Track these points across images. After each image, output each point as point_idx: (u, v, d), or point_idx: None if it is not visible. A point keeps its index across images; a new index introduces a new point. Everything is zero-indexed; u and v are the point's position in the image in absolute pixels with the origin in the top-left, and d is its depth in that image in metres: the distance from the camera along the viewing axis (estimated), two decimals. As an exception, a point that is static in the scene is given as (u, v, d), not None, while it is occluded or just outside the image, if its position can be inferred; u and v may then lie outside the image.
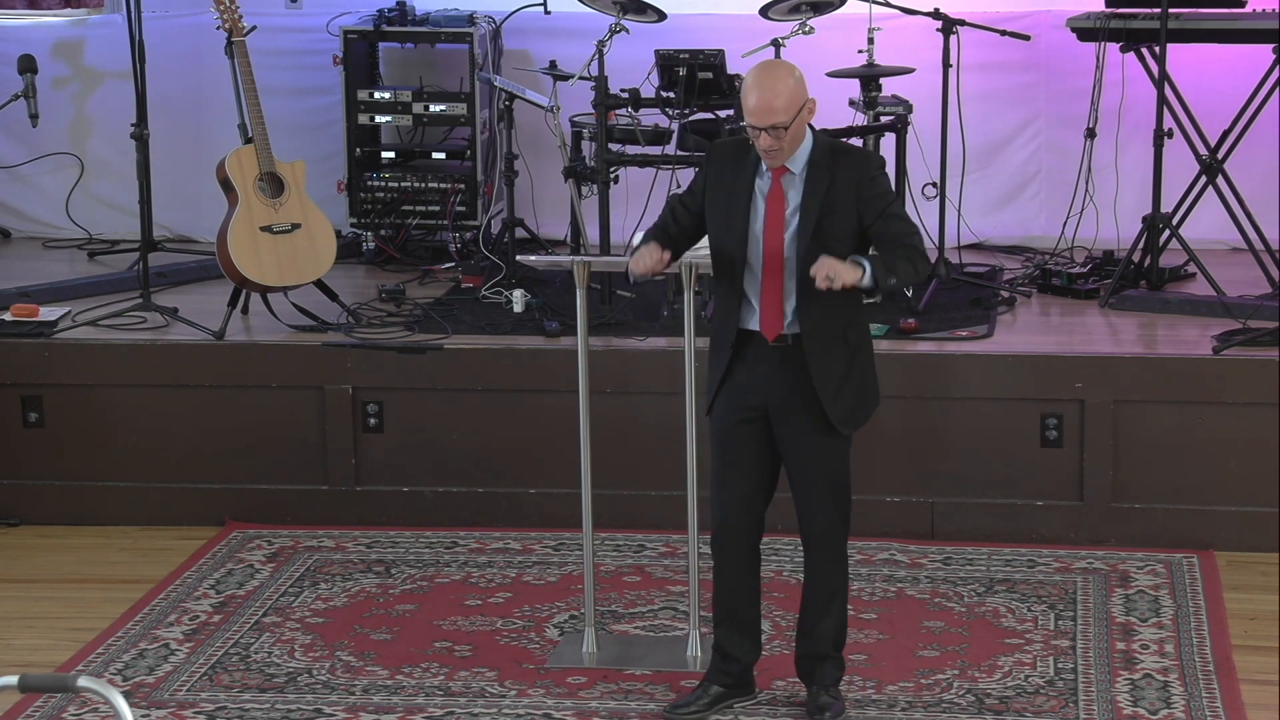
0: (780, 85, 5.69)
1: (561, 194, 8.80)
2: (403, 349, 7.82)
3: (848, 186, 5.75)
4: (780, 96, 5.67)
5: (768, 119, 5.67)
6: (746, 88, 5.73)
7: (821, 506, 5.92)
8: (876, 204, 5.76)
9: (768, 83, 5.70)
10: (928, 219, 8.54)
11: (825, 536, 5.96)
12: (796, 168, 5.79)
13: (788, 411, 5.86)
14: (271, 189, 8.03)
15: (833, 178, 5.76)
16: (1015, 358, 7.58)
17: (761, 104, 5.67)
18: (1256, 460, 7.39)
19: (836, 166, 5.77)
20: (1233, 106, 8.45)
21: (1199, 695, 6.20)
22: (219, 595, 7.15)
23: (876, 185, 5.79)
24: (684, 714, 6.07)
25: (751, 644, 6.13)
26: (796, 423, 5.86)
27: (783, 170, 5.79)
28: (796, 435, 5.88)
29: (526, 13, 9.20)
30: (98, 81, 9.72)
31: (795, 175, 5.80)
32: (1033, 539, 7.52)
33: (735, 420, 5.92)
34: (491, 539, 7.65)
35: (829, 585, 6.01)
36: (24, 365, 7.93)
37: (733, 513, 5.97)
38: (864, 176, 5.77)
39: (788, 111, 5.67)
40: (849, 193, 5.75)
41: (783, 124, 5.68)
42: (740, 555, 6.03)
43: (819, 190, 5.76)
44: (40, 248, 9.65)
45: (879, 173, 5.85)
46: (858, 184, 5.75)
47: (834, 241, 5.75)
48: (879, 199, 5.77)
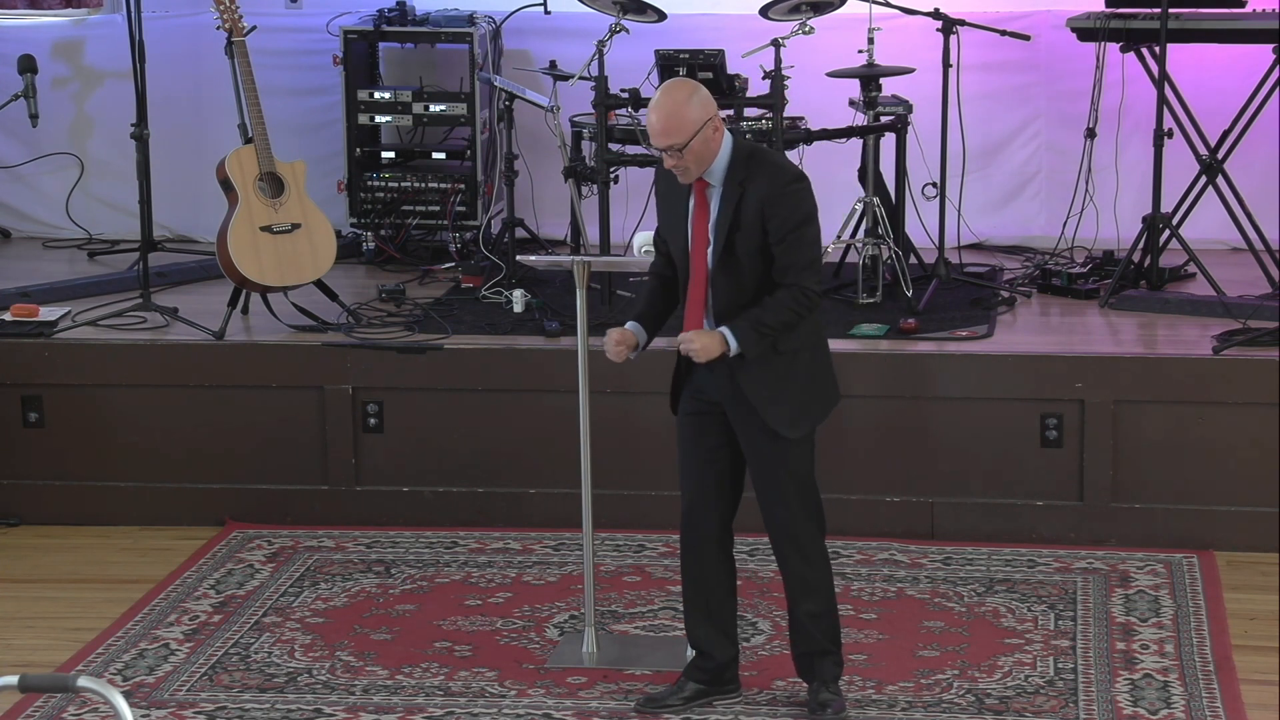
0: (678, 106, 5.70)
1: (561, 194, 8.80)
2: (403, 349, 7.82)
3: (755, 201, 5.74)
4: (675, 117, 5.68)
5: (664, 140, 5.71)
6: (649, 108, 5.78)
7: (782, 504, 5.92)
8: (780, 226, 5.73)
9: (665, 104, 5.72)
10: (928, 219, 8.56)
11: (788, 532, 5.94)
12: (715, 180, 5.81)
13: (737, 414, 5.89)
14: (271, 189, 8.03)
15: (743, 193, 5.75)
16: (1015, 358, 7.58)
17: (658, 125, 5.71)
18: (1256, 460, 7.39)
19: (748, 180, 5.75)
20: (1233, 106, 8.45)
21: (1199, 695, 6.20)
22: (219, 595, 7.15)
23: (784, 203, 5.73)
24: (654, 708, 6.08)
25: (725, 640, 6.12)
26: (746, 425, 5.89)
27: (704, 184, 5.82)
28: (748, 437, 5.91)
29: (526, 13, 9.20)
30: (98, 81, 9.72)
31: (715, 188, 5.81)
32: (1033, 539, 7.52)
33: (694, 410, 5.95)
34: (491, 539, 7.65)
35: (801, 581, 5.99)
36: (24, 365, 7.93)
37: (693, 506, 6.00)
38: (773, 193, 5.73)
39: (683, 133, 5.68)
40: (755, 208, 5.73)
41: (678, 145, 5.70)
42: (706, 547, 6.03)
43: (729, 206, 5.77)
44: (40, 248, 9.65)
45: (791, 188, 5.76)
46: (766, 199, 5.73)
47: (744, 256, 5.77)
48: (784, 220, 5.73)
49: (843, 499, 7.40)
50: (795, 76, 8.11)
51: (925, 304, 8.14)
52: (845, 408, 7.35)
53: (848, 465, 7.51)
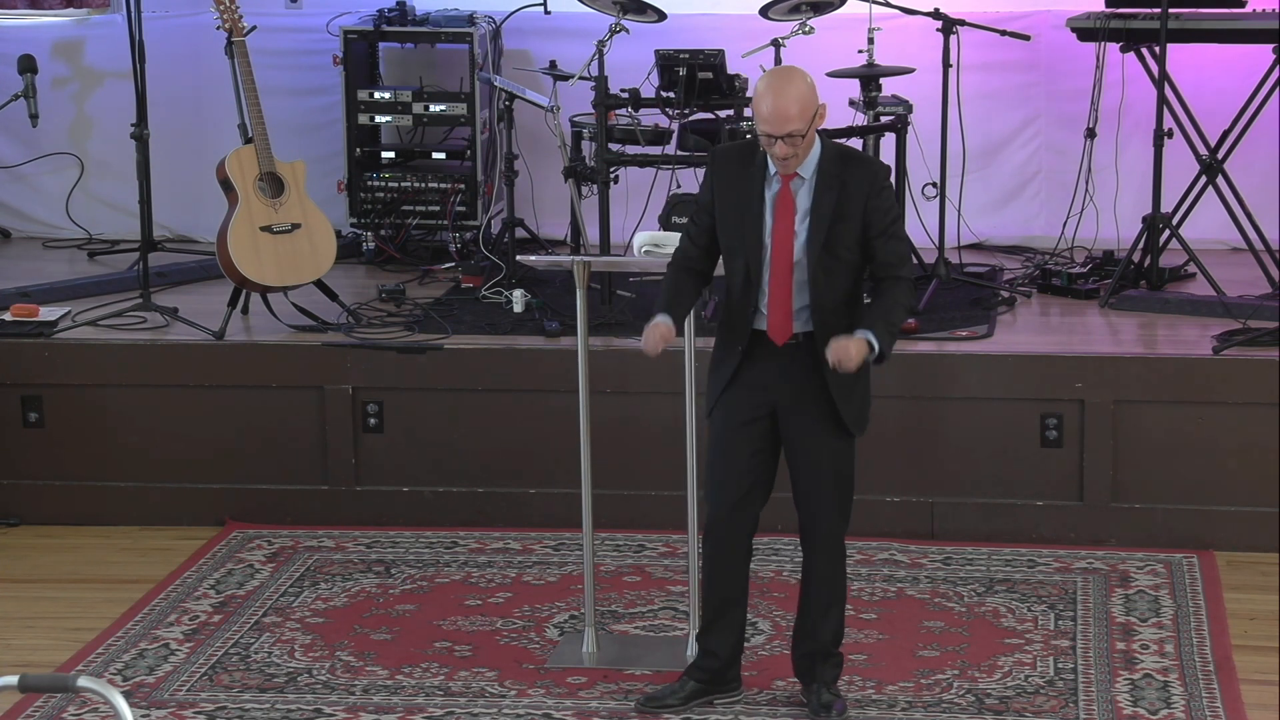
0: (795, 92, 5.66)
1: (561, 194, 8.80)
2: (403, 349, 7.82)
3: (858, 195, 5.73)
4: (795, 104, 5.64)
5: (784, 127, 5.64)
6: (760, 94, 5.67)
7: (828, 505, 5.91)
8: (882, 219, 5.75)
9: (782, 90, 5.66)
10: (928, 219, 8.56)
11: (829, 536, 5.95)
12: (806, 173, 5.78)
13: (797, 410, 5.85)
14: (271, 189, 8.03)
15: (844, 185, 5.74)
16: (1015, 358, 7.58)
17: (777, 112, 5.63)
18: (1256, 460, 7.39)
19: (847, 174, 5.75)
20: (1233, 106, 8.45)
21: (1199, 695, 6.20)
22: (219, 595, 7.15)
23: (884, 198, 5.78)
24: (655, 707, 6.07)
25: (735, 641, 6.13)
26: (806, 422, 5.86)
27: (792, 175, 5.77)
28: (805, 434, 5.87)
29: (526, 13, 9.20)
30: (98, 81, 9.72)
31: (805, 180, 5.78)
32: (1033, 539, 7.52)
33: (740, 420, 5.90)
34: (491, 539, 7.65)
35: (831, 586, 6.01)
36: (24, 365, 7.93)
37: (725, 509, 5.97)
38: (874, 187, 5.76)
39: (802, 119, 5.65)
40: (859, 202, 5.73)
41: (799, 132, 5.65)
42: (733, 553, 6.02)
43: (830, 197, 5.74)
44: (40, 248, 9.65)
45: (887, 184, 5.83)
46: (868, 194, 5.74)
47: (843, 250, 5.76)
48: (885, 214, 5.76)
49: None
50: (795, 76, 8.11)
51: (925, 304, 8.14)
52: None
53: (848, 465, 7.51)
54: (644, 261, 6.72)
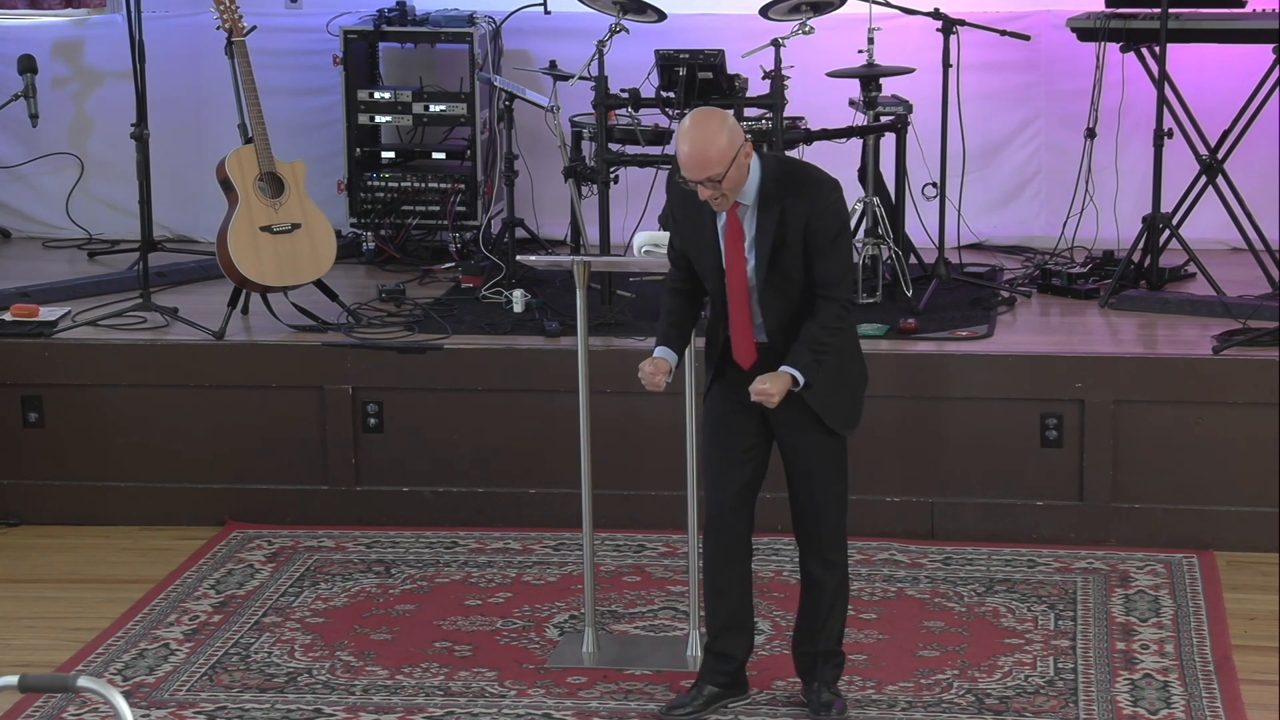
0: (709, 136, 5.60)
1: (561, 194, 8.80)
2: (403, 349, 7.82)
3: (797, 220, 5.70)
4: (711, 147, 5.60)
5: (702, 172, 5.62)
6: (678, 138, 5.65)
7: (824, 505, 5.91)
8: (820, 238, 5.71)
9: (698, 136, 5.61)
10: (928, 219, 8.56)
11: (828, 535, 5.95)
12: (748, 200, 5.75)
13: (783, 417, 5.85)
14: (271, 189, 8.03)
15: (783, 210, 5.71)
16: (1015, 358, 7.58)
17: (692, 157, 5.61)
18: (1256, 460, 7.39)
19: (787, 199, 5.72)
20: (1233, 106, 8.45)
21: (1199, 695, 6.20)
22: (219, 595, 7.15)
23: (826, 218, 5.71)
24: (679, 715, 6.07)
25: (746, 641, 6.13)
26: (794, 424, 5.85)
27: (736, 204, 5.76)
28: (793, 435, 5.87)
29: (526, 13, 9.20)
30: (98, 81, 9.72)
31: (748, 207, 5.76)
32: (1033, 539, 7.52)
33: (728, 411, 5.92)
34: (491, 539, 7.65)
35: (832, 586, 6.00)
36: (24, 365, 7.93)
37: (727, 504, 5.96)
38: (815, 209, 5.71)
39: (720, 162, 5.61)
40: (798, 226, 5.70)
41: (717, 175, 5.63)
42: (734, 548, 6.02)
43: (771, 223, 5.72)
44: (40, 248, 9.65)
45: (830, 199, 5.74)
46: (808, 217, 5.70)
47: (792, 270, 5.75)
48: (823, 234, 5.71)
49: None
50: (795, 76, 8.11)
51: (925, 304, 8.14)
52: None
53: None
54: (644, 261, 6.72)
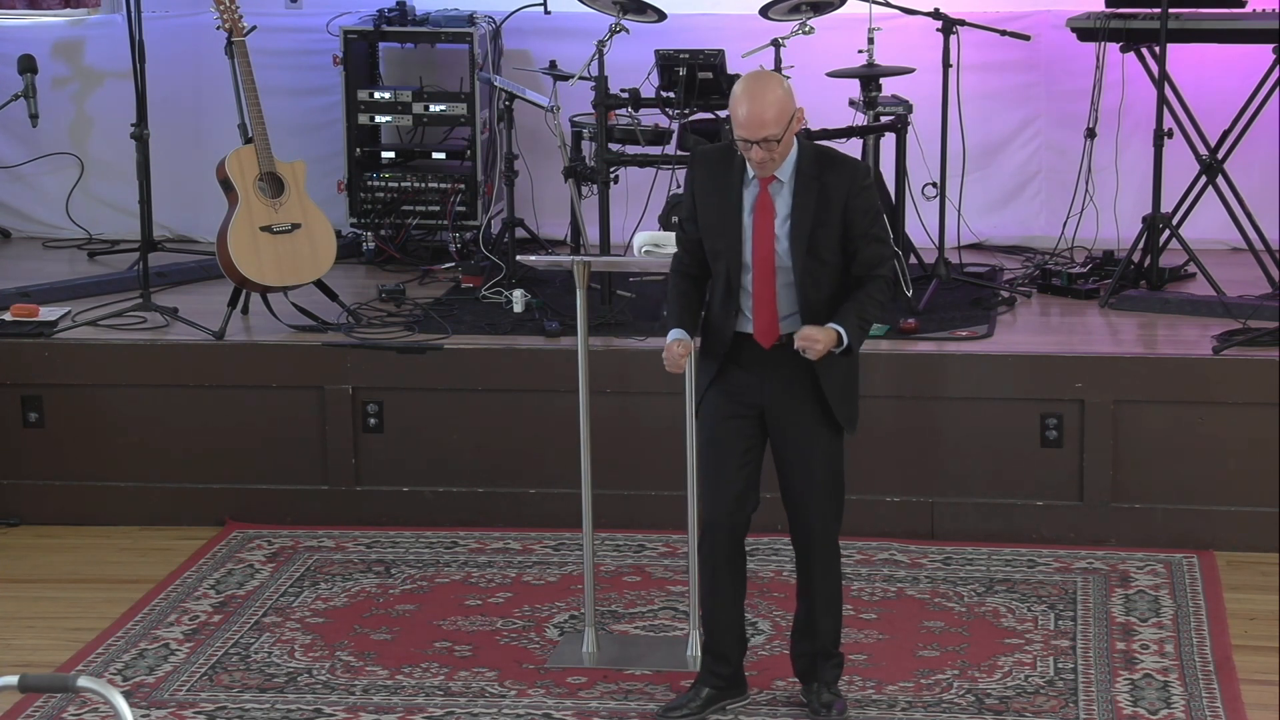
0: (771, 96, 5.63)
1: (561, 194, 8.80)
2: (403, 349, 7.82)
3: (837, 198, 5.72)
4: (771, 108, 5.62)
5: (759, 131, 5.62)
6: (736, 99, 5.66)
7: (821, 505, 5.91)
8: (861, 220, 5.73)
9: (758, 94, 5.63)
10: (928, 219, 8.56)
11: (823, 535, 5.95)
12: (784, 176, 5.76)
13: (787, 411, 5.85)
14: (271, 189, 8.03)
15: (822, 187, 5.72)
16: (1015, 358, 7.58)
17: (753, 116, 5.62)
18: (1256, 460, 7.39)
19: (825, 176, 5.73)
20: (1233, 106, 8.45)
21: (1199, 695, 6.20)
22: (219, 595, 7.15)
23: (864, 199, 5.75)
24: (677, 715, 6.07)
25: (740, 642, 6.13)
26: (796, 422, 5.85)
27: (770, 179, 5.76)
28: (797, 435, 5.87)
29: (526, 13, 9.20)
30: (98, 81, 9.72)
31: (783, 184, 5.76)
32: (1033, 539, 7.52)
33: (725, 416, 5.90)
34: (491, 539, 7.65)
35: (829, 586, 6.00)
36: (24, 365, 7.93)
37: (723, 511, 5.95)
38: (853, 188, 5.73)
39: (779, 123, 5.62)
40: (838, 204, 5.72)
41: (775, 136, 5.63)
42: (731, 553, 6.02)
43: (809, 201, 5.72)
44: (40, 248, 9.65)
45: (867, 185, 5.80)
46: (847, 195, 5.72)
47: (826, 253, 5.75)
48: (864, 214, 5.74)
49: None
50: (795, 76, 8.06)
51: (925, 304, 8.14)
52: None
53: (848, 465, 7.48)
54: (644, 261, 6.72)
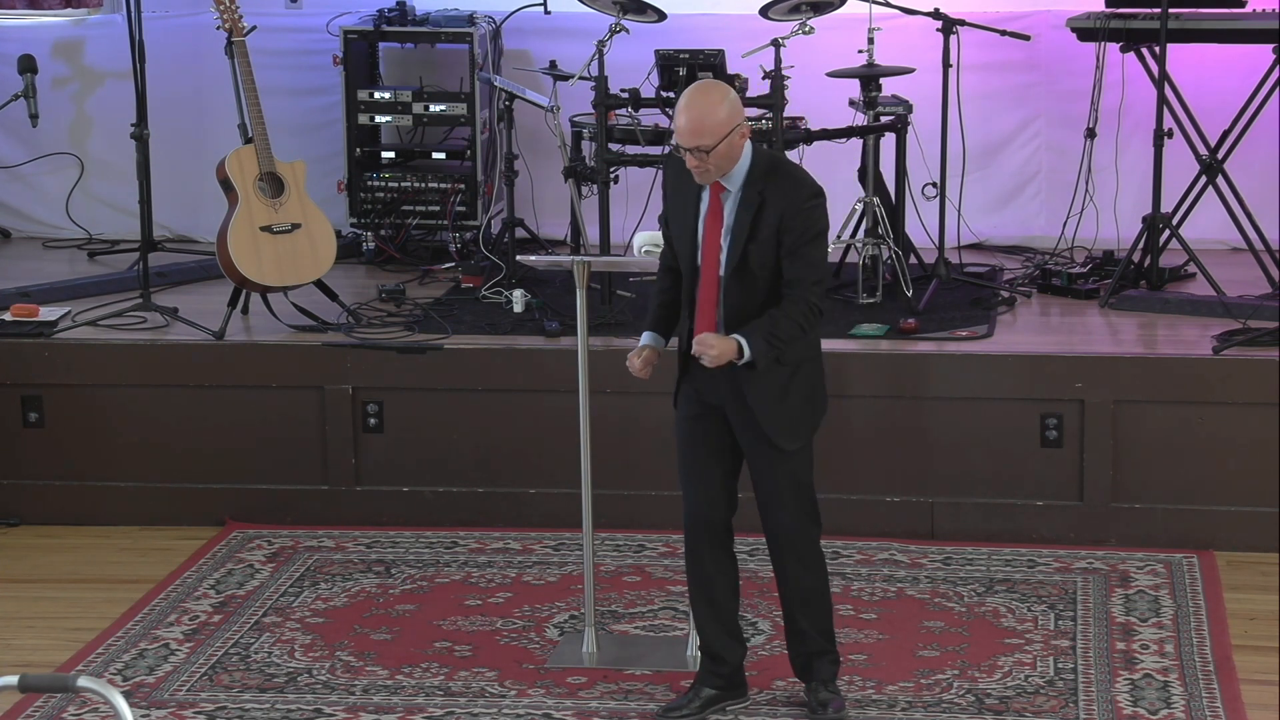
0: (707, 107, 5.68)
1: (561, 194, 8.80)
2: (403, 349, 7.82)
3: (774, 213, 5.72)
4: (706, 119, 5.66)
5: (692, 140, 5.68)
6: (678, 107, 5.73)
7: (782, 508, 5.91)
8: (792, 238, 5.72)
9: (695, 104, 5.69)
10: (928, 219, 8.56)
11: (789, 537, 5.95)
12: (733, 186, 5.78)
13: (737, 418, 5.88)
14: (271, 189, 8.03)
15: (762, 202, 5.73)
16: (1015, 358, 7.58)
17: (688, 125, 5.67)
18: (1256, 460, 7.39)
19: (768, 192, 5.73)
20: (1233, 106, 8.45)
21: (1199, 695, 6.20)
22: (219, 595, 7.15)
23: (802, 219, 5.72)
24: (676, 716, 6.06)
25: (736, 642, 6.12)
26: (747, 430, 5.87)
27: (720, 188, 5.79)
28: (749, 441, 5.89)
29: (526, 13, 9.20)
30: (98, 81, 9.72)
31: (731, 193, 5.79)
32: (1033, 539, 7.52)
33: (694, 412, 5.94)
34: (491, 539, 7.65)
35: (800, 585, 5.99)
36: (24, 365, 7.93)
37: (700, 509, 5.97)
38: (791, 205, 5.72)
39: (712, 134, 5.65)
40: (773, 220, 5.72)
41: (706, 146, 5.67)
42: (713, 549, 6.02)
43: (748, 214, 5.75)
44: (40, 248, 9.65)
45: (810, 203, 5.75)
46: (784, 212, 5.71)
47: (757, 267, 5.75)
48: (796, 234, 5.71)
49: (843, 499, 7.41)
50: (795, 76, 8.11)
51: (925, 304, 8.14)
52: (845, 407, 7.39)
53: (848, 465, 7.51)
54: (644, 261, 6.72)
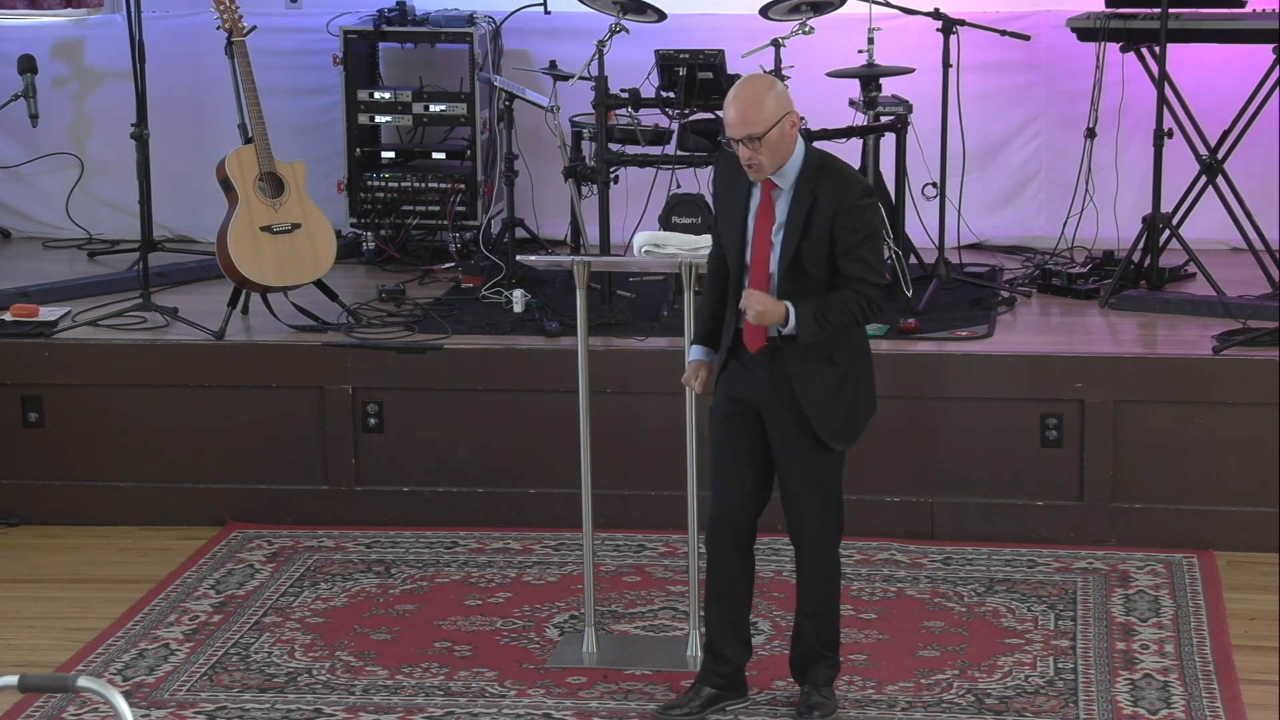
0: (758, 97, 5.66)
1: (561, 194, 8.80)
2: (403, 349, 7.82)
3: (827, 212, 5.70)
4: (756, 108, 5.64)
5: (743, 130, 5.65)
6: (727, 100, 5.71)
7: (809, 514, 5.91)
8: (848, 238, 5.70)
9: (745, 94, 5.68)
10: (928, 219, 8.56)
11: (812, 543, 5.95)
12: (785, 184, 5.76)
13: (772, 414, 5.86)
14: (271, 189, 8.03)
15: (815, 200, 5.71)
16: (1015, 358, 7.58)
17: (738, 115, 5.66)
18: (1256, 460, 7.39)
19: (821, 188, 5.71)
20: (1233, 106, 8.45)
21: (1199, 695, 6.20)
22: (219, 595, 7.15)
23: (856, 217, 5.70)
24: (676, 715, 6.06)
25: (742, 644, 6.12)
26: (785, 430, 5.86)
27: (772, 185, 5.77)
28: (785, 442, 5.87)
29: (526, 13, 9.20)
30: (98, 81, 9.72)
31: (784, 191, 5.77)
32: (1033, 539, 7.52)
33: (731, 411, 5.91)
34: (491, 539, 7.65)
35: (817, 590, 6.00)
36: (24, 365, 7.93)
37: (728, 507, 5.96)
38: (845, 205, 5.70)
39: (764, 123, 5.63)
40: (826, 220, 5.70)
41: (757, 134, 5.64)
42: (734, 551, 6.02)
43: (801, 212, 5.72)
44: (40, 248, 9.65)
45: (863, 202, 5.74)
46: (837, 211, 5.69)
47: (811, 266, 5.73)
48: (853, 233, 5.70)
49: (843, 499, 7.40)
50: (795, 76, 8.11)
51: (925, 304, 8.14)
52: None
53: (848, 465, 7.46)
54: (644, 261, 6.71)
